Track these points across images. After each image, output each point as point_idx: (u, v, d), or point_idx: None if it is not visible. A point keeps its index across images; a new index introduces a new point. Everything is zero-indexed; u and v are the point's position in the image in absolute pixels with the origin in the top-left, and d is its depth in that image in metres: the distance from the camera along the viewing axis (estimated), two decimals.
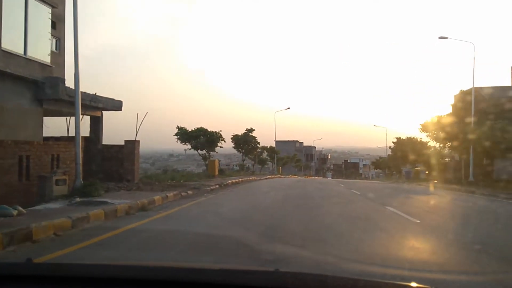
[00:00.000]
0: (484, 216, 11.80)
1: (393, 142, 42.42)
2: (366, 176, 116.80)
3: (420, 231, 8.15)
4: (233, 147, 38.26)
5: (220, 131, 27.24)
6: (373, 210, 12.36)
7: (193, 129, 26.77)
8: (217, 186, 18.45)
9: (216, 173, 25.41)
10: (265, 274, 1.77)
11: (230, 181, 21.67)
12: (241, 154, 39.06)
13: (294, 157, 66.71)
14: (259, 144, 39.58)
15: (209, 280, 1.66)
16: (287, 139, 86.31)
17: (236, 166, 57.77)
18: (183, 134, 26.57)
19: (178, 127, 26.74)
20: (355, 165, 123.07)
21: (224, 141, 27.71)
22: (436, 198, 17.26)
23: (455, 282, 4.49)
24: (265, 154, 51.47)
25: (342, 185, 25.54)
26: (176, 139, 26.79)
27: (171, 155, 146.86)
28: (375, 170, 78.42)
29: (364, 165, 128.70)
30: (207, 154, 27.41)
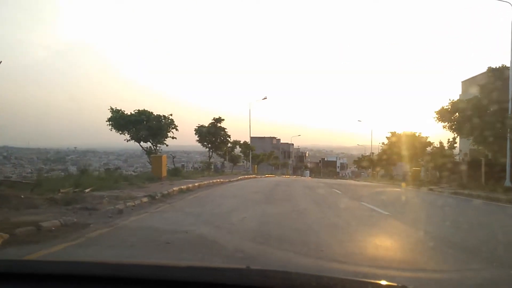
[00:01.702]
0: None
1: (387, 137, 35.52)
2: (343, 175, 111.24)
3: None
4: (197, 140, 30.30)
5: (171, 115, 19.28)
6: None
7: (132, 113, 18.72)
8: (144, 199, 10.56)
9: (164, 174, 17.50)
10: (234, 271, 1.72)
11: (176, 188, 13.78)
12: (208, 149, 31.07)
13: (271, 154, 59.18)
14: (229, 137, 31.73)
15: (177, 278, 1.61)
16: (263, 136, 78.83)
17: (199, 164, 49.74)
18: (118, 120, 18.44)
19: (111, 109, 18.59)
20: (332, 164, 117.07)
21: (176, 130, 19.72)
22: None
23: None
24: (238, 151, 43.65)
25: (339, 191, 18.01)
26: (110, 127, 18.62)
27: (143, 151, 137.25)
28: (358, 169, 71.58)
29: (342, 164, 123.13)
30: (153, 148, 19.37)
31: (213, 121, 30.50)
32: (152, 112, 18.74)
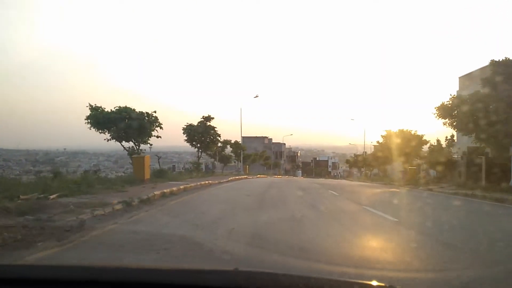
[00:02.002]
0: None
1: (381, 136, 34.35)
2: (335, 174, 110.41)
3: None
4: (186, 140, 28.79)
5: (154, 112, 17.77)
6: None
7: (113, 109, 17.18)
8: (117, 206, 9.13)
9: (147, 176, 16.04)
10: (221, 273, 1.73)
11: (158, 192, 12.35)
12: (196, 149, 29.58)
13: (263, 154, 57.85)
14: (219, 136, 30.27)
15: (164, 281, 1.61)
16: (255, 135, 77.51)
17: (190, 165, 48.23)
18: (97, 117, 16.88)
19: (90, 107, 17.01)
20: (324, 163, 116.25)
21: (161, 128, 18.19)
22: None
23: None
24: (229, 151, 42.22)
25: (336, 193, 16.71)
26: (88, 125, 17.04)
27: (134, 152, 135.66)
28: (350, 168, 70.54)
29: (333, 163, 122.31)
30: (136, 148, 17.87)
31: (202, 119, 29.02)
32: (134, 109, 17.26)
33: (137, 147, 17.80)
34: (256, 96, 42.87)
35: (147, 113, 17.44)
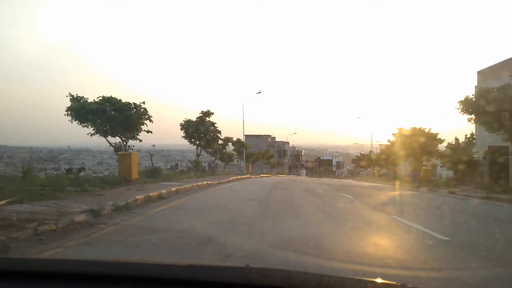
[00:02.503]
0: None
1: (393, 134, 32.00)
2: (339, 174, 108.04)
3: None
4: (183, 137, 26.61)
5: (143, 102, 15.50)
6: None
7: (96, 100, 14.97)
8: (79, 217, 6.96)
9: (134, 176, 13.89)
10: (234, 269, 1.72)
11: (141, 197, 10.19)
12: (195, 147, 27.39)
13: (267, 152, 55.61)
14: (220, 133, 28.07)
15: (177, 276, 1.60)
16: (258, 134, 75.34)
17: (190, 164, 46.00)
18: (79, 109, 14.67)
19: (71, 97, 14.79)
20: (328, 162, 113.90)
21: (151, 121, 15.92)
22: None
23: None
24: (231, 149, 40.03)
25: (350, 196, 14.51)
26: (69, 118, 14.82)
27: (138, 150, 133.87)
28: (356, 168, 68.22)
29: (338, 162, 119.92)
30: (123, 144, 15.68)
31: (201, 114, 26.82)
32: (120, 99, 15.06)
33: (125, 143, 15.61)
34: (259, 92, 40.64)
35: (134, 104, 15.24)
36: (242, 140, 40.46)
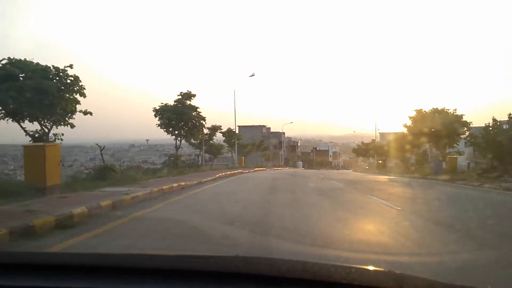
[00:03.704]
0: None
1: (410, 117, 26.72)
2: (336, 164, 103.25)
3: None
4: (158, 125, 21.21)
5: (71, 66, 9.93)
6: None
7: None
8: None
9: (51, 180, 8.53)
10: (220, 258, 1.68)
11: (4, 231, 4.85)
12: (174, 137, 22.01)
13: (261, 144, 50.26)
14: (204, 120, 22.67)
15: (165, 267, 1.58)
16: (252, 124, 69.96)
17: (189, 157, 40.59)
18: None
19: None
20: (325, 153, 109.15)
21: (84, 96, 10.26)
22: None
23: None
24: (220, 140, 34.69)
25: (382, 200, 9.28)
26: None
27: (132, 145, 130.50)
28: (356, 157, 63.24)
29: (334, 153, 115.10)
30: (43, 131, 10.24)
31: (179, 97, 21.41)
32: (37, 63, 9.58)
33: (46, 130, 10.16)
34: (253, 75, 35.37)
35: (57, 69, 9.76)
36: (234, 130, 35.09)
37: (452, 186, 15.61)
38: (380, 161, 47.12)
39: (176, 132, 21.59)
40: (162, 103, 21.58)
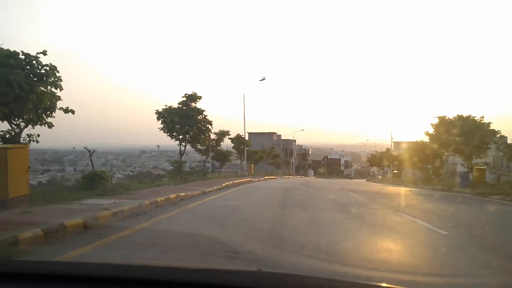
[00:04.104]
0: None
1: (432, 124, 24.66)
2: (348, 173, 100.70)
3: None
4: (161, 129, 19.63)
5: (44, 53, 8.34)
6: None
7: None
8: None
9: (16, 191, 6.90)
10: (245, 274, 1.67)
11: None
12: (178, 142, 20.38)
13: (272, 151, 48.43)
14: (210, 125, 21.00)
15: (189, 280, 1.55)
16: (262, 131, 68.24)
17: (197, 164, 39.00)
18: None
19: None
20: (336, 162, 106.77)
21: (60, 89, 8.65)
22: None
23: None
24: (229, 146, 33.02)
25: (433, 227, 7.38)
26: None
27: (143, 151, 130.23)
28: (371, 167, 60.98)
29: (346, 162, 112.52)
30: (14, 131, 8.62)
31: (184, 99, 19.82)
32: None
33: (17, 129, 8.53)
34: (263, 79, 33.66)
35: (27, 55, 8.11)
36: (243, 136, 33.39)
37: (491, 203, 13.60)
38: (396, 171, 44.94)
39: (181, 136, 19.94)
40: (166, 106, 20.01)
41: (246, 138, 37.26)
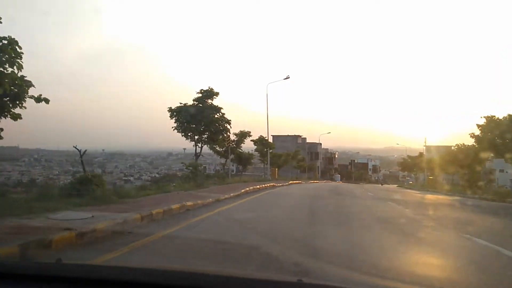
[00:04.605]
0: None
1: (478, 125, 21.70)
2: (376, 178, 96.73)
3: None
4: (174, 128, 17.76)
5: (9, 37, 6.55)
6: None
7: None
8: None
9: None
10: (287, 285, 1.62)
11: None
12: (194, 143, 18.44)
13: (296, 154, 45.96)
14: (229, 124, 18.96)
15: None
16: (286, 134, 65.90)
17: (221, 167, 37.12)
18: None
19: None
20: (363, 166, 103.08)
21: (20, 65, 6.84)
22: None
23: None
24: (250, 149, 30.92)
25: None
26: None
27: (170, 153, 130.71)
28: (400, 172, 57.51)
29: (374, 166, 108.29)
30: None
31: (199, 95, 17.88)
32: None
33: None
34: (287, 78, 31.43)
35: None
36: (266, 138, 31.23)
37: None
38: (431, 177, 41.66)
39: (196, 137, 18.00)
40: (180, 103, 18.13)
41: (269, 140, 35.13)
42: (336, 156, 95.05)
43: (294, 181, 32.88)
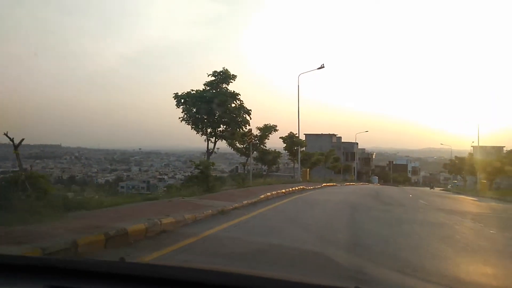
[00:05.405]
0: None
1: None
2: (416, 181, 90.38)
3: None
4: (182, 118, 14.63)
5: None
6: None
7: None
8: None
9: None
10: None
11: None
12: (205, 137, 15.24)
13: (331, 154, 41.93)
14: (249, 115, 15.56)
15: None
16: (320, 132, 61.85)
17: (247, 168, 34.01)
18: None
19: None
20: (402, 168, 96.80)
21: None
22: None
23: None
24: (276, 145, 27.46)
25: None
26: None
27: (203, 153, 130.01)
28: (451, 174, 52.05)
29: (413, 168, 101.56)
30: None
31: (212, 79, 14.66)
32: None
33: None
34: (322, 67, 27.73)
35: None
36: (296, 135, 27.65)
37: None
38: (484, 181, 36.47)
39: (209, 130, 14.81)
40: (192, 90, 15.00)
41: (301, 137, 31.52)
42: (374, 157, 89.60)
43: (328, 183, 29.08)
